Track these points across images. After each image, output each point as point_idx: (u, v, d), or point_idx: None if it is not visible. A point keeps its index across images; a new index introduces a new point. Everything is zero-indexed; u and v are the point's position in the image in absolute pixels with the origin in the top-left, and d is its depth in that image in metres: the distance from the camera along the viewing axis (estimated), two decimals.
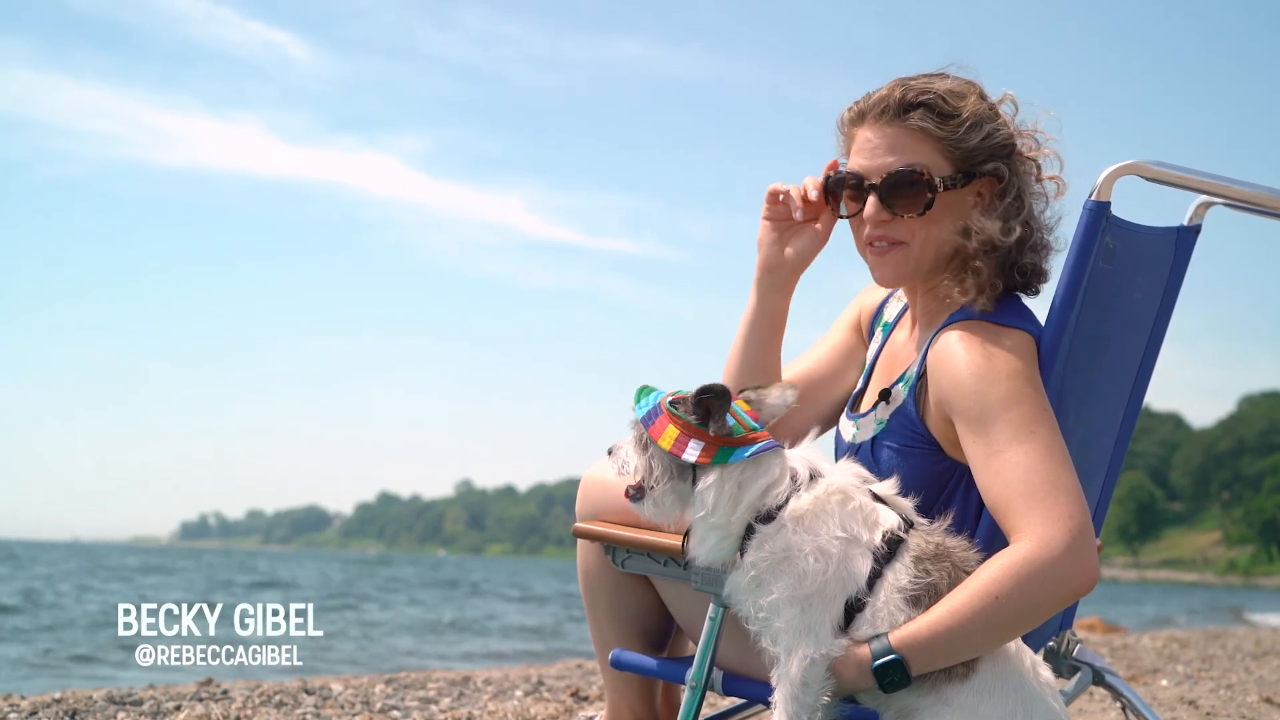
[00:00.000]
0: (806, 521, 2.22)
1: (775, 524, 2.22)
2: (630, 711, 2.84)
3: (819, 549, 2.20)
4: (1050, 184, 2.53)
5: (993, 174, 2.46)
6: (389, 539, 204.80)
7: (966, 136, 2.44)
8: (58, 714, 4.18)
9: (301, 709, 4.54)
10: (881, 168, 2.46)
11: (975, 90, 2.49)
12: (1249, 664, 8.55)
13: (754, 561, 2.22)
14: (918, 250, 2.47)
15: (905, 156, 2.44)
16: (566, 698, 5.26)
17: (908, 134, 2.44)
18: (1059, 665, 2.85)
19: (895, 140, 2.45)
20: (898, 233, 2.47)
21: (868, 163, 2.48)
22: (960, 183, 2.45)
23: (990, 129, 2.46)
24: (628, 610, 2.77)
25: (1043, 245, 2.50)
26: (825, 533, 2.21)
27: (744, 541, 2.24)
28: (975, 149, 2.44)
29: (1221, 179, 2.57)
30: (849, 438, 2.59)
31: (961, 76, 2.51)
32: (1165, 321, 2.71)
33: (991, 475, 2.27)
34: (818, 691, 2.20)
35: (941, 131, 2.43)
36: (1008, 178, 2.46)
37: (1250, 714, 5.30)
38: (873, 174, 2.47)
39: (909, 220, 2.45)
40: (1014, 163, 2.48)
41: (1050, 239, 2.52)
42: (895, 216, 2.46)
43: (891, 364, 2.63)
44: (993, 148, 2.46)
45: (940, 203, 2.44)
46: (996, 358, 2.33)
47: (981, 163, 2.45)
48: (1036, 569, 2.17)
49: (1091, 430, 2.59)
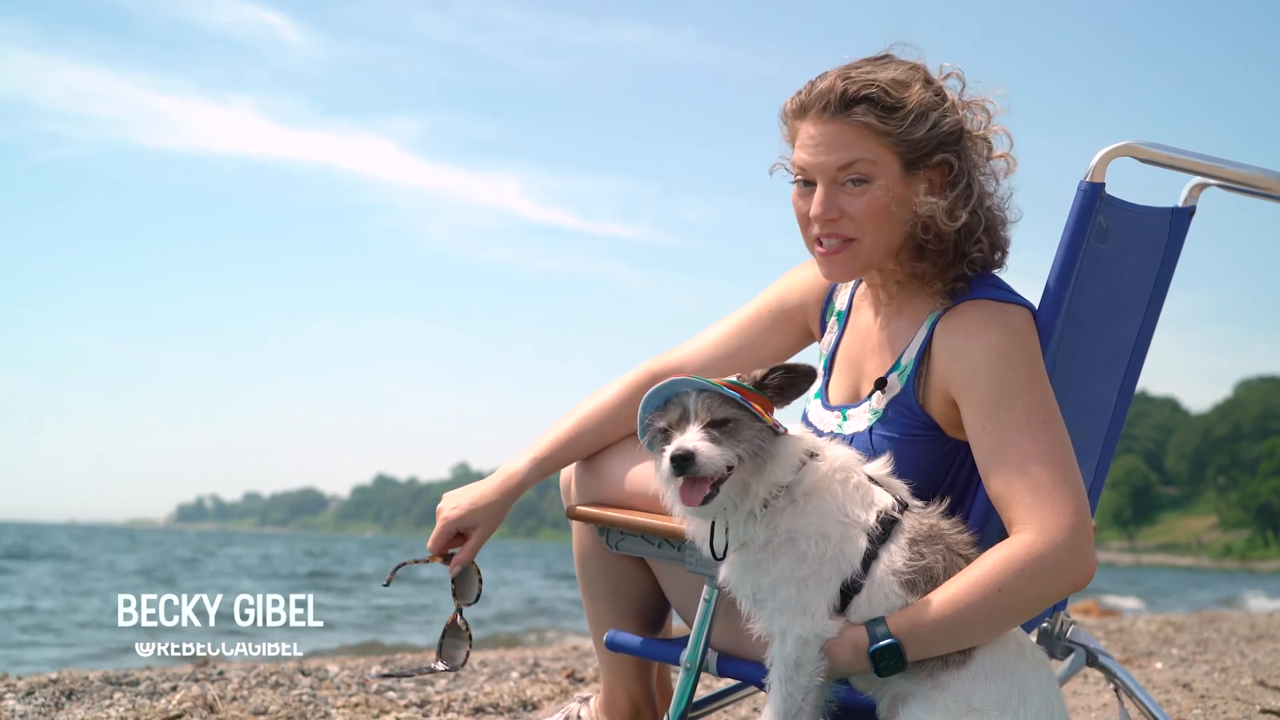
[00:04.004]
0: (814, 500, 2.22)
1: (786, 498, 2.22)
2: (625, 693, 2.84)
3: (821, 533, 2.20)
4: (1000, 162, 2.48)
5: (941, 164, 2.41)
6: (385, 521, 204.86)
7: (912, 129, 2.37)
8: (54, 694, 4.18)
9: (298, 690, 4.54)
10: (826, 164, 2.39)
11: (919, 76, 2.42)
12: (1243, 647, 8.56)
13: (764, 540, 2.21)
14: (868, 246, 2.42)
15: (849, 153, 2.38)
16: (562, 679, 5.26)
17: (852, 130, 2.38)
18: (1052, 647, 2.86)
19: (839, 136, 2.38)
20: (846, 230, 2.41)
21: (811, 159, 2.41)
22: (907, 176, 2.39)
23: (936, 118, 2.39)
24: (622, 592, 2.77)
25: (997, 224, 2.46)
26: (829, 514, 2.21)
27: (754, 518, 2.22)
28: (921, 140, 2.38)
29: (1215, 160, 2.57)
30: (830, 428, 2.54)
31: (905, 59, 2.45)
32: (1159, 303, 2.71)
33: (997, 463, 2.26)
34: (811, 673, 2.21)
35: (885, 126, 2.36)
36: (957, 166, 2.42)
37: (1244, 697, 5.31)
38: (817, 171, 2.41)
39: (857, 217, 2.40)
40: (963, 148, 2.43)
41: (1004, 214, 2.48)
42: (843, 214, 2.41)
43: (865, 352, 2.56)
44: (940, 137, 2.40)
45: (887, 197, 2.39)
46: (1012, 341, 2.32)
47: (929, 154, 2.39)
48: (1038, 562, 2.17)
49: (1084, 412, 2.59)
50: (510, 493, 2.65)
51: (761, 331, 2.74)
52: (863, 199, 2.39)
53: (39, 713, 3.88)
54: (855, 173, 2.38)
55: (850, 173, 2.38)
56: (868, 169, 2.38)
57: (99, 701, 4.11)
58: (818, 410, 2.60)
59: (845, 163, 2.38)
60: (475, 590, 2.68)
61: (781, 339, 2.74)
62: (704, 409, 2.17)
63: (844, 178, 2.39)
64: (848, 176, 2.39)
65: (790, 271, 2.79)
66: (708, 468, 2.13)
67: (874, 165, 2.38)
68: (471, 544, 2.64)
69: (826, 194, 2.40)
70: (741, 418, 2.18)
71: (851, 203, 2.39)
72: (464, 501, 2.64)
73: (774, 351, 2.73)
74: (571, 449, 2.70)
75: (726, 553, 2.26)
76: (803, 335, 2.75)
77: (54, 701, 4.07)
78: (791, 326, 2.74)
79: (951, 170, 2.42)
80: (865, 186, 2.38)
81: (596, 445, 2.70)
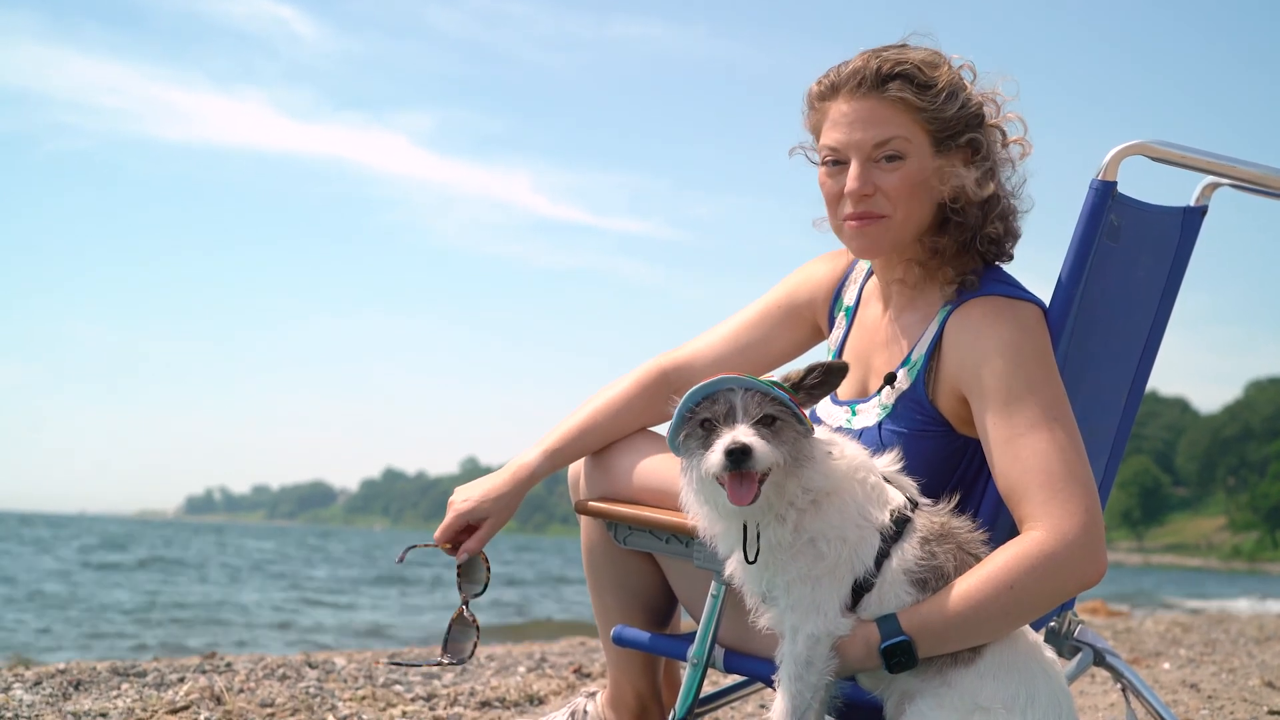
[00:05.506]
0: (834, 501, 2.20)
1: (807, 497, 2.20)
2: (632, 688, 2.84)
3: (841, 535, 2.19)
4: (1015, 147, 2.50)
5: (968, 145, 2.43)
6: (394, 515, 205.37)
7: (944, 106, 2.39)
8: (62, 684, 4.19)
9: (304, 682, 4.55)
10: (862, 141, 2.40)
11: (945, 60, 2.45)
12: (1251, 648, 8.55)
13: (789, 542, 2.19)
14: (899, 222, 2.42)
15: (886, 129, 2.39)
16: (569, 674, 5.26)
17: (886, 105, 2.39)
18: (1060, 645, 2.85)
19: (874, 112, 2.40)
20: (879, 206, 2.42)
21: (845, 137, 2.42)
22: (937, 154, 2.41)
23: (964, 98, 2.42)
24: (630, 587, 2.77)
25: (1010, 211, 2.48)
26: (849, 516, 2.20)
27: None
28: (952, 119, 2.40)
29: (1228, 159, 2.56)
30: (838, 424, 2.53)
31: (924, 46, 2.46)
32: (1170, 302, 2.70)
33: (1010, 459, 2.26)
34: (822, 670, 2.20)
35: (920, 102, 2.39)
36: (984, 147, 2.44)
37: (1252, 697, 5.30)
38: (852, 148, 2.42)
39: (891, 193, 2.41)
40: (985, 131, 2.45)
41: (1016, 202, 2.49)
42: (877, 190, 2.41)
43: (873, 347, 2.57)
44: (968, 117, 2.42)
45: (920, 174, 2.40)
46: (1024, 337, 2.32)
47: (959, 133, 2.41)
48: (1050, 560, 2.17)
49: (1094, 410, 2.58)
50: (521, 484, 2.65)
51: (772, 327, 2.74)
52: (897, 174, 2.39)
53: (46, 702, 3.89)
54: (890, 149, 2.39)
55: (886, 149, 2.39)
56: (902, 145, 2.39)
57: (106, 692, 4.12)
58: (826, 405, 2.60)
59: (881, 139, 2.39)
60: (483, 580, 2.68)
61: (792, 335, 2.74)
62: (755, 406, 2.14)
63: (879, 154, 2.40)
64: (883, 153, 2.40)
65: (800, 268, 2.80)
66: (763, 461, 2.11)
67: (908, 143, 2.39)
68: (481, 534, 2.64)
69: (862, 170, 2.40)
70: (786, 418, 2.16)
71: (885, 178, 2.40)
72: (475, 494, 2.65)
73: (784, 347, 2.74)
74: (583, 442, 2.70)
75: (748, 553, 2.22)
76: (812, 331, 2.75)
77: (62, 692, 4.08)
78: (801, 322, 2.74)
79: (978, 151, 2.43)
80: (899, 163, 2.39)
81: (608, 439, 2.71)
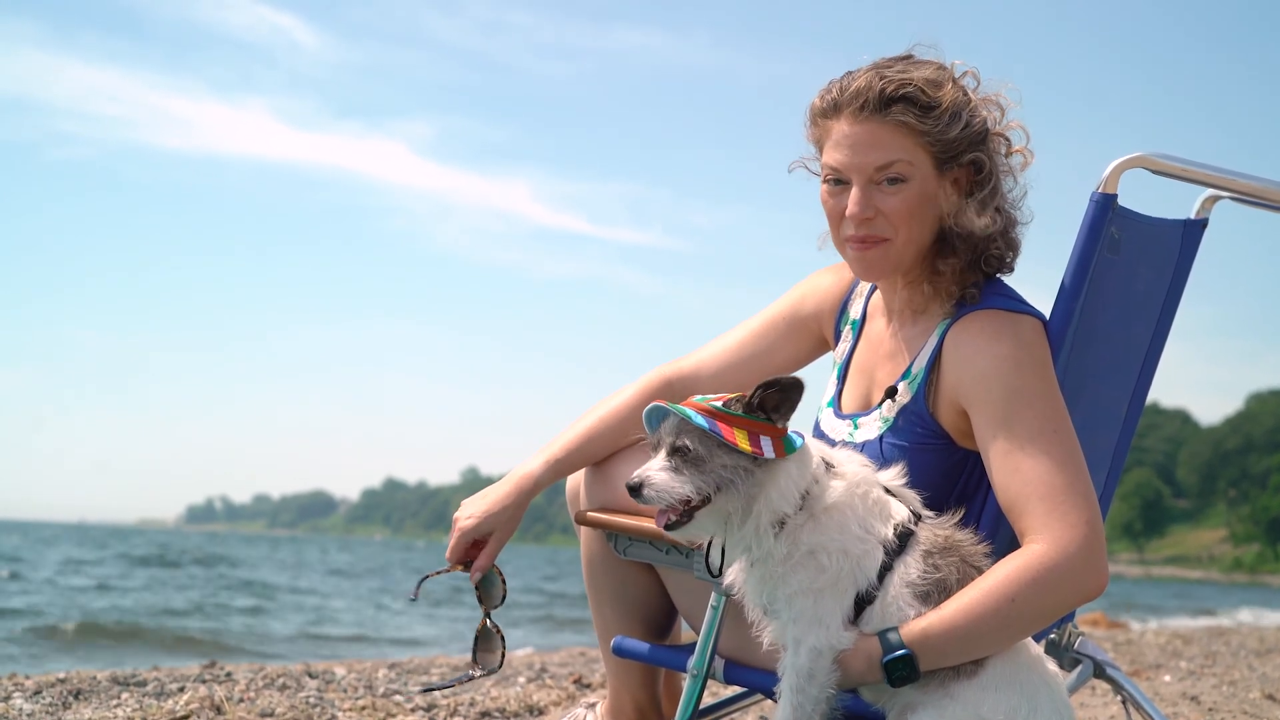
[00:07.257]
0: (834, 515, 2.20)
1: (805, 513, 2.20)
2: (632, 699, 2.84)
3: (843, 549, 2.19)
4: (1017, 158, 2.49)
5: (970, 163, 2.42)
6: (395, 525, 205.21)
7: (947, 129, 2.37)
8: (62, 694, 4.19)
9: (304, 692, 4.55)
10: (864, 165, 2.38)
11: (949, 76, 2.42)
12: (1252, 660, 8.54)
13: (784, 555, 2.19)
14: (901, 245, 2.41)
15: (887, 153, 2.37)
16: (569, 684, 5.26)
17: (889, 129, 2.37)
18: (1061, 658, 2.85)
19: (876, 136, 2.37)
20: (881, 229, 2.40)
21: (847, 159, 2.40)
22: (939, 175, 2.39)
23: (967, 117, 2.39)
24: (630, 598, 2.77)
25: (1011, 223, 2.46)
26: (850, 530, 2.20)
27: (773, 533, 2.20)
28: (955, 140, 2.38)
29: (1228, 172, 2.57)
30: (841, 437, 2.53)
31: (930, 59, 2.44)
32: (1171, 314, 2.70)
33: (1009, 472, 2.26)
34: (823, 683, 2.20)
35: (923, 125, 2.36)
36: (987, 165, 2.42)
37: (1253, 710, 5.29)
38: (853, 171, 2.40)
39: (892, 216, 2.39)
40: (989, 147, 2.43)
41: (1016, 214, 2.48)
42: (878, 213, 2.40)
43: (877, 360, 2.56)
44: (971, 136, 2.40)
45: (922, 197, 2.39)
46: (1023, 350, 2.32)
47: (961, 154, 2.39)
48: (1052, 573, 2.17)
49: (1094, 422, 2.58)
50: (525, 494, 2.65)
51: (776, 339, 2.74)
52: (898, 198, 2.38)
53: (46, 712, 3.89)
54: (893, 172, 2.38)
55: (888, 172, 2.38)
56: (905, 169, 2.37)
57: (106, 701, 4.12)
58: (830, 419, 2.60)
59: (884, 163, 2.38)
60: (500, 593, 2.69)
61: (796, 347, 2.74)
62: (670, 436, 2.17)
63: (881, 177, 2.38)
64: (885, 176, 2.38)
65: (806, 279, 2.79)
66: (655, 500, 2.15)
67: (910, 165, 2.37)
68: (489, 550, 2.64)
69: (863, 194, 2.39)
70: (706, 448, 2.15)
71: (887, 201, 2.39)
72: (478, 510, 2.64)
73: (787, 359, 2.73)
74: (585, 451, 2.70)
75: (723, 569, 2.27)
76: (817, 343, 2.74)
77: (62, 701, 4.09)
78: (806, 334, 2.74)
79: (980, 170, 2.42)
80: (901, 186, 2.38)
81: (610, 448, 2.71)
